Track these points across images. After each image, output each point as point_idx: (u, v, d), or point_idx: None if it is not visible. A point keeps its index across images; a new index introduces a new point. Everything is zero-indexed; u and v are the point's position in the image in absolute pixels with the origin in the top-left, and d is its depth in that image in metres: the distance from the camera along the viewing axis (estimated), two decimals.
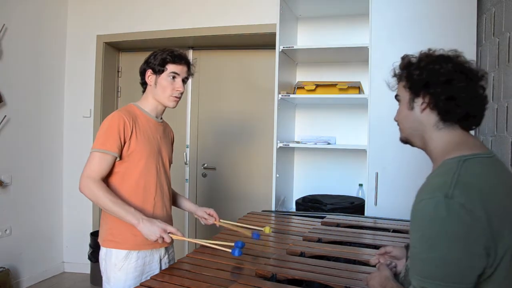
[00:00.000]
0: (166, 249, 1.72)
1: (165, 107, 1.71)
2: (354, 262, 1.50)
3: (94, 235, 3.33)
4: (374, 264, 1.22)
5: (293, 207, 2.86)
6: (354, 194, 2.80)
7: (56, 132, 3.60)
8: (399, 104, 1.06)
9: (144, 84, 1.71)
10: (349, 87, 2.59)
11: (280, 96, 2.58)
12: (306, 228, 1.99)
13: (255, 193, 3.37)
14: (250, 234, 1.75)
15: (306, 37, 3.00)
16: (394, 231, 1.94)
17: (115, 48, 3.73)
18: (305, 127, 3.04)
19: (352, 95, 2.58)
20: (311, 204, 2.59)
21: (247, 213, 2.33)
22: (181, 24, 3.30)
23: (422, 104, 0.99)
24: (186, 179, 3.61)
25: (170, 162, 1.80)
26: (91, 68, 3.58)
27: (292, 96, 2.62)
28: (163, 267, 1.66)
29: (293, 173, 3.06)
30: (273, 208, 2.56)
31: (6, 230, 3.09)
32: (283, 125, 2.70)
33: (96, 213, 3.53)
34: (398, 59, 1.07)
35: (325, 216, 2.24)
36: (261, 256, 1.55)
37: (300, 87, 2.70)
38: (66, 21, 3.63)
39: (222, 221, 1.82)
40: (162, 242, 1.49)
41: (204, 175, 3.60)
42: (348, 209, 2.47)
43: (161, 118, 1.75)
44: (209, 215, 1.84)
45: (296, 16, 2.97)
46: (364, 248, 1.68)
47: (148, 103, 1.69)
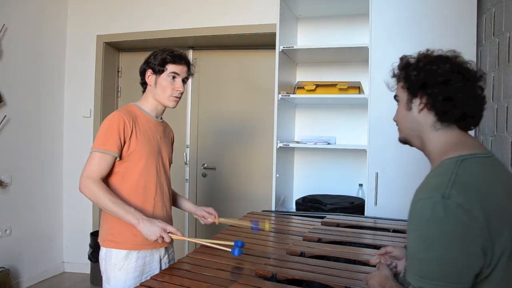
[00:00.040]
0: (166, 249, 1.73)
1: (165, 107, 1.71)
2: (354, 262, 1.50)
3: (94, 235, 3.33)
4: (374, 264, 1.22)
5: (293, 207, 2.86)
6: (354, 194, 2.80)
7: (56, 132, 3.60)
8: (398, 104, 1.07)
9: (144, 84, 1.71)
10: (349, 87, 2.59)
11: (280, 96, 2.58)
12: (306, 228, 1.99)
13: (255, 193, 3.37)
14: (249, 224, 1.76)
15: (306, 37, 3.00)
16: (394, 231, 1.94)
17: (115, 48, 3.73)
18: (305, 127, 3.04)
19: (352, 95, 2.58)
20: (311, 204, 2.59)
21: (247, 213, 2.33)
22: (181, 24, 3.30)
23: (419, 104, 0.99)
24: (186, 179, 3.61)
25: (170, 162, 1.80)
26: (91, 68, 3.59)
27: (292, 96, 2.62)
28: (163, 267, 1.66)
29: (293, 173, 3.06)
30: (273, 208, 2.56)
31: (6, 230, 3.10)
32: (283, 125, 2.70)
33: (96, 213, 3.53)
34: (398, 59, 1.07)
35: (325, 216, 2.24)
36: (261, 256, 1.55)
37: (300, 87, 2.70)
38: (66, 21, 3.64)
39: (221, 218, 1.83)
40: (162, 242, 1.49)
41: (204, 175, 3.60)
42: (348, 209, 2.47)
43: (161, 118, 1.75)
44: (208, 213, 1.84)
45: (296, 16, 2.97)
46: (364, 248, 1.68)
47: (148, 103, 1.70)
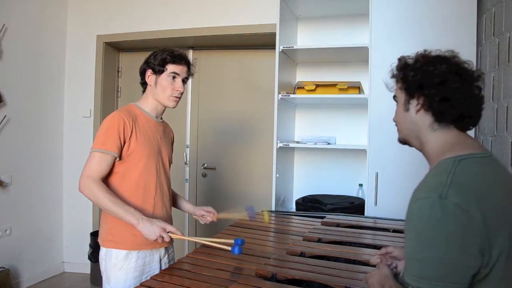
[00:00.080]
0: (166, 249, 1.73)
1: (165, 107, 1.71)
2: (354, 262, 1.50)
3: (94, 235, 3.33)
4: (375, 264, 1.22)
5: (293, 207, 2.86)
6: (354, 194, 2.80)
7: (56, 132, 3.60)
8: (397, 105, 1.07)
9: (144, 84, 1.71)
10: (349, 87, 2.59)
11: (280, 96, 2.58)
12: (306, 228, 1.99)
13: (255, 193, 3.36)
14: (246, 213, 1.77)
15: (306, 37, 3.00)
16: (394, 231, 1.94)
17: (115, 48, 3.73)
18: (305, 127, 3.04)
19: (352, 95, 2.58)
20: (311, 204, 2.59)
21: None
22: (181, 24, 3.30)
23: (417, 105, 0.99)
24: (186, 179, 3.61)
25: (170, 162, 1.80)
26: (91, 68, 3.58)
27: (292, 96, 2.62)
28: (163, 267, 1.66)
29: (293, 173, 3.06)
30: (273, 208, 2.56)
31: (6, 230, 3.09)
32: (283, 125, 2.70)
33: (96, 213, 3.53)
34: (397, 60, 1.07)
35: (325, 216, 2.24)
36: (261, 256, 1.55)
37: (300, 87, 2.70)
38: (66, 21, 3.64)
39: (219, 214, 1.83)
40: (162, 241, 1.49)
41: (204, 175, 3.60)
42: (348, 209, 2.47)
43: (161, 118, 1.75)
44: (207, 212, 1.84)
45: (296, 16, 2.97)
46: (364, 248, 1.68)
47: (148, 103, 1.70)
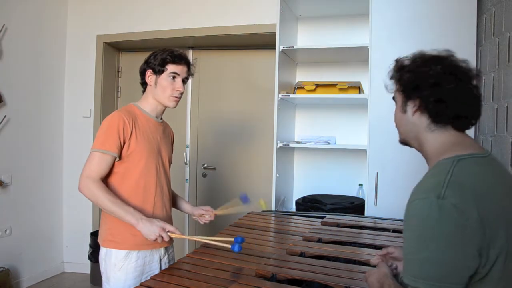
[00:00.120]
0: (166, 249, 1.73)
1: (165, 107, 1.71)
2: (354, 262, 1.50)
3: (94, 235, 3.33)
4: (375, 264, 1.21)
5: (293, 207, 2.86)
6: (354, 194, 2.80)
7: (56, 132, 3.60)
8: (395, 106, 1.07)
9: (144, 84, 1.71)
10: (349, 87, 2.59)
11: (280, 96, 2.58)
12: (306, 228, 1.99)
13: (255, 193, 3.34)
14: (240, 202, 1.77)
15: (306, 37, 3.00)
16: (394, 231, 1.94)
17: (115, 48, 3.73)
18: (305, 127, 3.03)
19: (352, 95, 2.58)
20: (311, 204, 2.59)
21: (247, 213, 2.33)
22: (181, 24, 3.30)
23: (413, 107, 0.99)
24: (186, 179, 3.61)
25: (170, 162, 1.80)
26: (91, 68, 3.58)
27: (292, 96, 2.62)
28: (163, 267, 1.66)
29: (293, 173, 3.06)
30: (273, 208, 2.56)
31: (6, 230, 3.09)
32: (283, 125, 2.70)
33: (96, 213, 3.53)
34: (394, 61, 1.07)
35: (325, 216, 2.24)
36: (261, 256, 1.55)
37: (300, 87, 2.70)
38: (66, 21, 3.63)
39: (215, 211, 1.83)
40: (161, 241, 1.49)
41: (204, 175, 3.60)
42: (348, 209, 2.47)
43: (161, 118, 1.75)
44: (205, 211, 1.84)
45: (296, 16, 2.97)
46: (364, 248, 1.68)
47: (148, 103, 1.70)
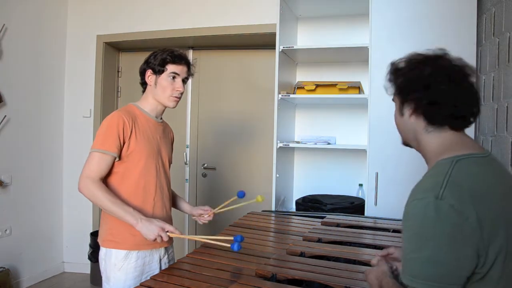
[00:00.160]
0: (166, 249, 1.73)
1: (165, 107, 1.71)
2: (354, 262, 1.50)
3: (94, 235, 3.32)
4: (375, 265, 1.21)
5: (293, 207, 2.85)
6: (354, 194, 2.80)
7: (56, 132, 3.60)
8: (395, 109, 1.07)
9: (144, 84, 1.71)
10: (349, 87, 2.59)
11: (280, 96, 2.58)
12: (306, 228, 1.99)
13: (255, 193, 3.33)
14: (237, 200, 1.77)
15: (306, 37, 3.00)
16: (394, 231, 1.94)
17: (115, 48, 3.73)
18: (305, 127, 3.03)
19: (352, 95, 2.57)
20: (311, 204, 2.59)
21: (247, 213, 2.33)
22: (181, 24, 3.30)
23: (409, 110, 0.99)
24: (186, 179, 3.61)
25: (170, 162, 1.80)
26: (91, 68, 3.58)
27: (292, 96, 2.62)
28: (163, 267, 1.66)
29: (293, 173, 3.06)
30: (273, 208, 2.56)
31: (6, 230, 3.09)
32: (283, 125, 2.70)
33: (96, 213, 3.53)
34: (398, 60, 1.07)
35: (325, 216, 2.24)
36: (261, 256, 1.55)
37: (300, 87, 2.70)
38: (66, 21, 3.63)
39: (214, 209, 1.84)
40: (161, 241, 1.49)
41: (204, 175, 3.60)
42: (348, 209, 2.47)
43: (161, 118, 1.75)
44: (204, 210, 1.84)
45: (296, 16, 2.97)
46: (364, 248, 1.68)
47: (148, 103, 1.69)
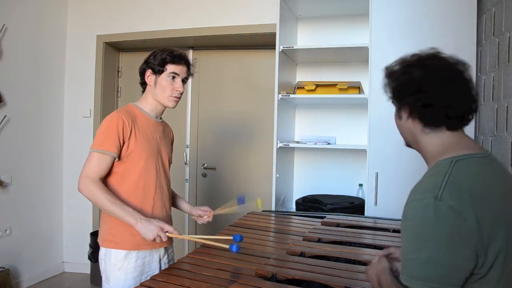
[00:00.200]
0: (166, 249, 1.72)
1: (165, 107, 1.71)
2: (354, 262, 1.50)
3: (94, 235, 3.32)
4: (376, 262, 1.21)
5: (293, 207, 2.85)
6: (354, 194, 2.80)
7: (56, 132, 3.60)
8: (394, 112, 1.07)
9: (144, 84, 1.71)
10: (349, 87, 2.59)
11: (280, 96, 2.58)
12: (306, 228, 1.99)
13: (255, 193, 3.35)
14: (237, 203, 1.79)
15: (306, 37, 3.00)
16: (394, 231, 1.94)
17: (115, 48, 3.73)
18: (305, 127, 3.03)
19: (352, 95, 2.57)
20: (311, 204, 2.59)
21: (247, 213, 2.33)
22: (181, 24, 3.30)
23: (405, 113, 1.00)
24: (186, 179, 3.61)
25: (170, 162, 1.80)
26: (91, 68, 3.58)
27: (292, 96, 2.62)
28: (163, 267, 1.66)
29: (293, 173, 3.06)
30: (273, 208, 2.56)
31: (6, 230, 3.09)
32: (283, 125, 2.70)
33: (96, 213, 3.53)
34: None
35: (325, 216, 2.24)
36: (261, 256, 1.55)
37: (300, 87, 2.70)
38: (66, 21, 3.63)
39: (214, 211, 1.83)
40: (160, 241, 1.49)
41: (204, 175, 3.60)
42: (348, 209, 2.47)
43: (160, 118, 1.75)
44: (204, 211, 1.84)
45: (296, 16, 2.97)
46: (364, 248, 1.68)
47: (147, 103, 1.69)
